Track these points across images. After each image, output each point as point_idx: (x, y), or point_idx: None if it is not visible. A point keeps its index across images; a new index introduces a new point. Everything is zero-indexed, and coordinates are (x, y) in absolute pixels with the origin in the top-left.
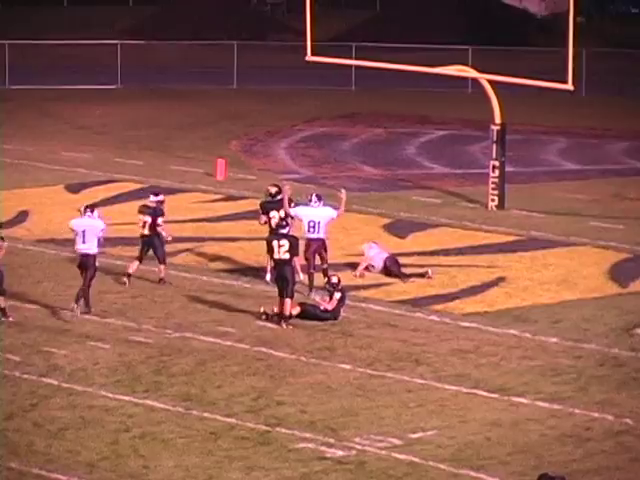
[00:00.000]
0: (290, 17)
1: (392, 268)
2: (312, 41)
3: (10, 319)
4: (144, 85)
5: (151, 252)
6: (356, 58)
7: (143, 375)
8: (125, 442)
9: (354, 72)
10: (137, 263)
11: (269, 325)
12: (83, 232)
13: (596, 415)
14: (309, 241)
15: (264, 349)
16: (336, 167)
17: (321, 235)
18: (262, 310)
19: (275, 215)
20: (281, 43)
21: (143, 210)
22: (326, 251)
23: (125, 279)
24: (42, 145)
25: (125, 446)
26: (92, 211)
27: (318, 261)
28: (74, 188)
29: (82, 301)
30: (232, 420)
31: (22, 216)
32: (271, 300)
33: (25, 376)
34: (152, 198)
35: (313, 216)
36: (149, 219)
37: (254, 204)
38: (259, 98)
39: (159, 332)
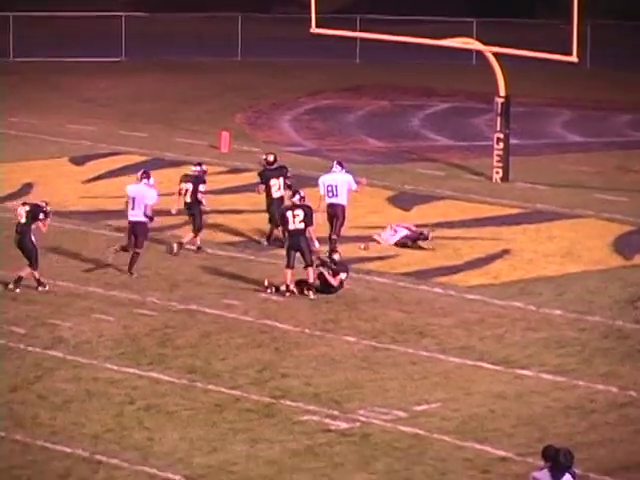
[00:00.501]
0: None
1: (405, 240)
2: (317, 13)
3: (47, 288)
4: (148, 58)
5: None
6: (361, 30)
7: (148, 347)
8: (130, 414)
9: (359, 44)
10: (191, 234)
11: (273, 297)
12: (133, 199)
13: (600, 387)
14: (329, 206)
15: (268, 322)
16: (341, 139)
17: (340, 200)
18: (267, 283)
19: (275, 183)
20: (286, 15)
21: (185, 179)
22: (343, 221)
23: (175, 246)
24: (47, 118)
25: (130, 418)
26: (148, 178)
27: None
28: (79, 160)
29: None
30: (237, 392)
31: (27, 188)
32: (276, 272)
33: (30, 348)
34: (194, 168)
35: (331, 180)
36: (190, 186)
37: None
38: (263, 71)
39: (164, 304)
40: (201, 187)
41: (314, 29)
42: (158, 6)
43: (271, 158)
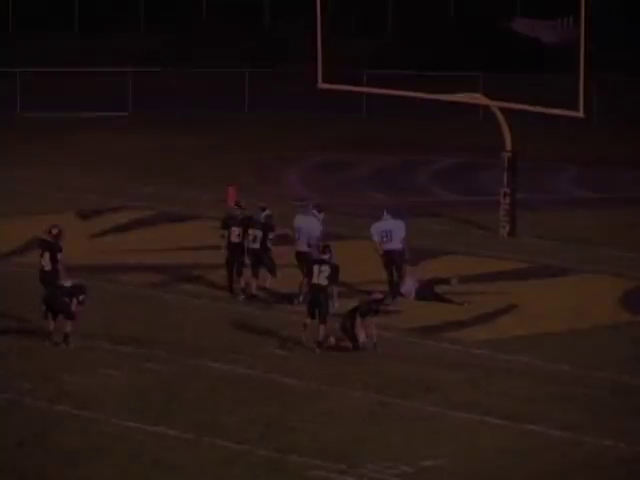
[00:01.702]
0: (302, 44)
1: (425, 294)
2: (324, 68)
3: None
4: (155, 112)
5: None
6: (368, 85)
7: (154, 402)
8: (136, 469)
9: (366, 99)
10: (254, 279)
11: (280, 352)
12: (299, 229)
13: (608, 443)
14: (385, 253)
15: (275, 376)
16: (348, 194)
17: (396, 245)
18: (333, 341)
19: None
20: (293, 70)
21: (254, 225)
22: (402, 264)
23: (242, 295)
24: (54, 172)
25: (136, 473)
26: (319, 211)
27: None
28: (85, 215)
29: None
30: (243, 447)
31: (34, 243)
32: (283, 325)
33: (36, 403)
34: (263, 214)
35: (385, 226)
36: (260, 233)
37: None
38: (271, 125)
39: (171, 358)
40: (270, 235)
41: (321, 84)
42: (166, 62)
43: (243, 203)
